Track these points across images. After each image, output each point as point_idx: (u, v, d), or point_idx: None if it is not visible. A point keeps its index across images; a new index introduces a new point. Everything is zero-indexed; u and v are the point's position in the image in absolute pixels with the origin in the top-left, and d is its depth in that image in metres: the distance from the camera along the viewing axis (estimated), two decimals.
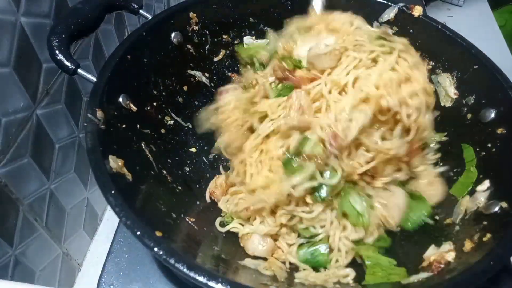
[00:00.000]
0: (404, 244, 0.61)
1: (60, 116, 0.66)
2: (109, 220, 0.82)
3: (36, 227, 0.63)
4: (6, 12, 0.52)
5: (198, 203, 0.66)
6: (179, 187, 0.65)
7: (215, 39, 0.75)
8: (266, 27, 0.77)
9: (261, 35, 0.77)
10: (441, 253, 0.53)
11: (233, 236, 0.63)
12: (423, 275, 0.50)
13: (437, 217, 0.62)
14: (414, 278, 0.50)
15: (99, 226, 0.82)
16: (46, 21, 0.59)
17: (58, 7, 0.61)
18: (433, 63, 0.72)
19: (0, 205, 0.55)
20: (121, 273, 0.62)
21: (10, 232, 0.57)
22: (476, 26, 1.11)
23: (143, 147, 0.60)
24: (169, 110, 0.69)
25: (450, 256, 0.52)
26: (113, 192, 0.46)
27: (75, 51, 0.67)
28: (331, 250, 0.59)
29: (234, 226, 0.63)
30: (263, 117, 0.62)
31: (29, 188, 0.60)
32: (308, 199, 0.57)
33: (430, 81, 0.73)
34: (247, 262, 0.57)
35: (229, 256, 0.58)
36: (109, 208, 0.82)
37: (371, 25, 0.76)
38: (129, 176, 0.52)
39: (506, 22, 1.19)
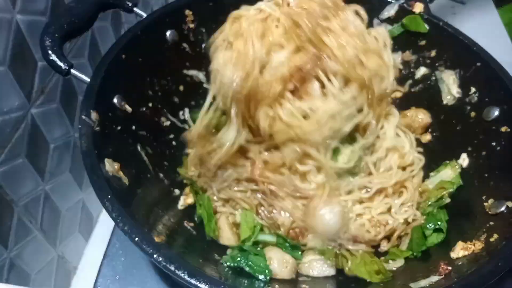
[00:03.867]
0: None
1: (55, 115, 0.65)
2: (105, 222, 0.81)
3: (31, 229, 0.62)
4: (2, 9, 0.51)
5: (195, 208, 0.65)
6: (175, 190, 0.64)
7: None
8: None
9: None
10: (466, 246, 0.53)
11: None
12: (432, 279, 0.50)
13: None
14: (425, 282, 0.50)
15: (95, 228, 0.81)
16: (42, 18, 0.59)
17: (54, 5, 0.61)
18: (436, 61, 0.71)
19: None
20: (117, 277, 0.62)
21: (5, 234, 0.56)
22: (480, 24, 1.09)
23: (139, 150, 0.60)
24: (165, 110, 0.69)
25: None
26: (109, 196, 0.45)
27: (71, 49, 0.67)
28: None
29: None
30: None
31: (23, 189, 0.59)
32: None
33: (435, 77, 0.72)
34: None
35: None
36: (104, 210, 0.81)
37: (372, 23, 0.75)
38: (125, 180, 0.52)
39: (510, 20, 1.17)
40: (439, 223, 0.60)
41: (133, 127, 0.60)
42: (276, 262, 0.56)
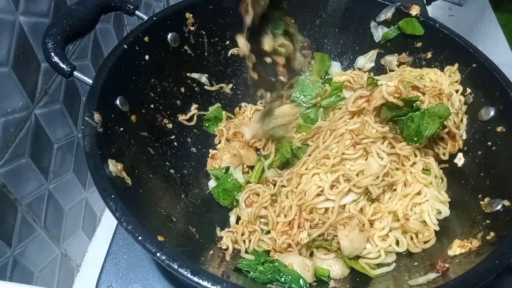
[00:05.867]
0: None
1: (58, 115, 0.66)
2: (108, 221, 0.82)
3: (34, 227, 0.63)
4: (5, 11, 0.52)
5: (196, 207, 0.66)
6: (177, 191, 0.65)
7: (212, 40, 0.74)
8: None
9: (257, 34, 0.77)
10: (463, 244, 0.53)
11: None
12: (430, 276, 0.51)
13: None
14: (422, 280, 0.51)
15: (98, 226, 0.82)
16: (45, 20, 0.59)
17: (57, 7, 0.61)
18: (432, 62, 0.72)
19: None
20: (120, 274, 0.62)
21: (8, 232, 0.57)
22: (477, 26, 1.10)
23: (142, 150, 0.60)
24: (167, 112, 0.69)
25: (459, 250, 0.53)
26: (113, 196, 0.45)
27: (74, 51, 0.67)
28: None
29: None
30: None
31: (27, 188, 0.60)
32: None
33: None
34: None
35: (232, 260, 0.58)
36: (108, 209, 0.82)
37: (369, 25, 0.76)
38: (128, 180, 0.52)
39: (507, 22, 1.18)
40: None
41: (135, 128, 0.60)
42: (298, 267, 0.55)
